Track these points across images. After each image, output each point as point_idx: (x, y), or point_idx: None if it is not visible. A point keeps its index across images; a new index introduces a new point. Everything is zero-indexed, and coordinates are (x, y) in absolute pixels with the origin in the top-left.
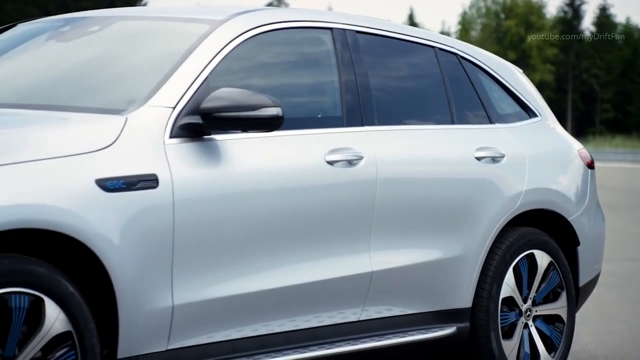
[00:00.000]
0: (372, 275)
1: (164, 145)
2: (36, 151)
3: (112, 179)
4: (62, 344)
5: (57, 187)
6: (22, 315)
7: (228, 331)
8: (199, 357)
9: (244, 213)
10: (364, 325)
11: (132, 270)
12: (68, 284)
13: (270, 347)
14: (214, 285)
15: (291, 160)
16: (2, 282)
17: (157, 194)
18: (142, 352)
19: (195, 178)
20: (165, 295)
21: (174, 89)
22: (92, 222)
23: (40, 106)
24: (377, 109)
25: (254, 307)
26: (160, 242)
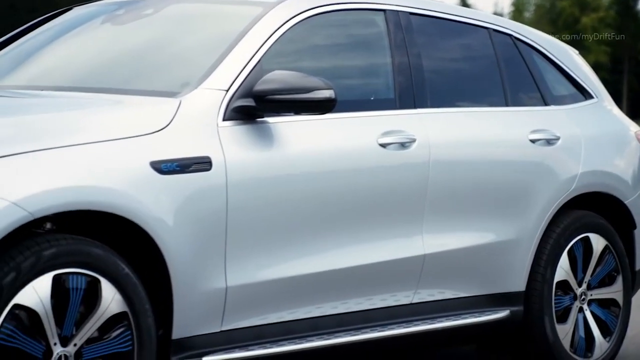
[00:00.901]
0: (425, 258)
1: (217, 128)
2: (92, 134)
3: (166, 162)
4: (118, 324)
5: (113, 170)
6: (80, 296)
7: (281, 313)
8: (252, 338)
9: (297, 196)
10: (416, 308)
11: (186, 252)
12: (124, 266)
13: (322, 330)
14: (267, 268)
15: (344, 142)
16: (60, 263)
17: (210, 177)
18: (196, 333)
19: (248, 160)
20: (218, 277)
21: (228, 71)
22: (147, 204)
23: (96, 89)
24: (430, 91)
25: (307, 290)
26: (213, 224)
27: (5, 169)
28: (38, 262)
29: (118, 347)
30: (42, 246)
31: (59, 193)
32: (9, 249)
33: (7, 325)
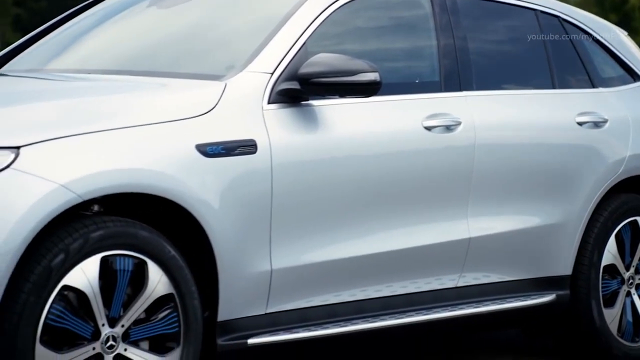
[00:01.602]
0: (470, 241)
1: (262, 111)
2: (139, 117)
3: (211, 145)
4: (165, 305)
5: (159, 153)
6: (127, 278)
7: (325, 296)
8: (297, 321)
9: (342, 179)
10: (461, 291)
11: (232, 235)
12: (170, 248)
13: (367, 312)
14: (312, 251)
15: (388, 125)
16: (108, 245)
17: (255, 160)
18: (241, 315)
19: (293, 143)
20: (263, 260)
21: (272, 54)
22: (192, 187)
23: (142, 72)
24: (476, 74)
25: (352, 273)
26: (258, 207)
27: (53, 152)
28: (86, 244)
29: (164, 328)
30: (90, 228)
31: (106, 176)
32: (58, 231)
33: (56, 306)
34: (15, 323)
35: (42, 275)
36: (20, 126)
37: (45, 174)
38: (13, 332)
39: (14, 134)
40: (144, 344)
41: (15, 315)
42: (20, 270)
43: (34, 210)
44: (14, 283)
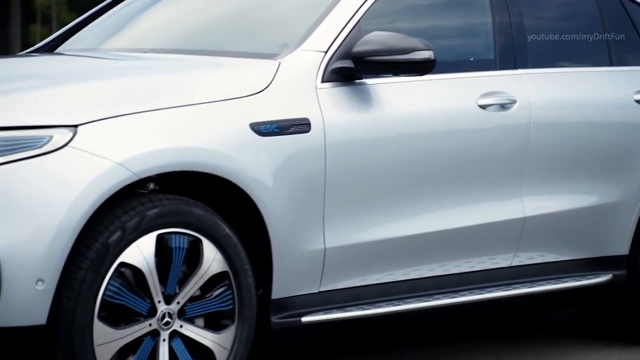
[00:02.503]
0: (525, 221)
1: (316, 90)
2: (193, 96)
3: (265, 123)
4: (220, 283)
5: (213, 131)
6: (182, 255)
7: (379, 275)
8: (350, 299)
9: (395, 157)
10: (515, 271)
11: (285, 213)
12: (224, 226)
13: (420, 292)
14: (365, 229)
15: (443, 104)
16: (163, 223)
17: (309, 138)
18: (295, 294)
19: (347, 122)
20: (317, 238)
21: (326, 33)
22: (246, 165)
23: (196, 51)
24: (532, 51)
25: (405, 252)
26: (312, 185)
27: (110, 130)
28: (142, 221)
29: (219, 305)
30: (146, 206)
31: (162, 154)
32: (115, 209)
33: (114, 283)
34: (75, 299)
35: (99, 252)
36: (78, 105)
37: (102, 152)
38: (72, 308)
39: (71, 112)
40: (199, 321)
41: (74, 291)
42: (78, 247)
43: (92, 188)
44: (72, 260)
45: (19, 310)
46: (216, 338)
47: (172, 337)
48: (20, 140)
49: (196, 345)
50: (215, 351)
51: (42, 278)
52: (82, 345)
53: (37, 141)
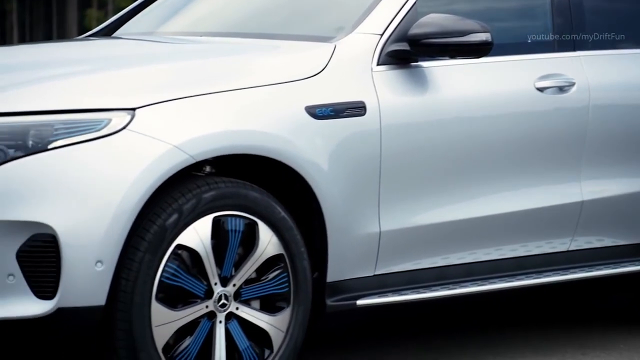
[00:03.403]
0: (583, 204)
1: (372, 73)
2: (250, 79)
3: (321, 106)
4: (275, 266)
5: (269, 114)
6: (238, 238)
7: (434, 258)
8: (405, 283)
9: (451, 141)
10: (573, 255)
11: (341, 196)
12: (280, 209)
13: (476, 275)
14: (420, 213)
15: (500, 87)
16: (219, 206)
17: (364, 121)
18: (350, 277)
19: (402, 105)
20: (372, 222)
21: (382, 15)
22: (302, 149)
23: (252, 35)
24: (591, 33)
25: (460, 235)
26: (367, 168)
27: (167, 114)
28: (199, 204)
29: (275, 288)
30: (202, 189)
31: (218, 137)
32: (172, 191)
33: (171, 265)
34: (133, 280)
35: (157, 234)
36: (136, 88)
37: (159, 135)
38: (131, 289)
39: (129, 96)
40: (255, 303)
41: (132, 273)
42: (136, 229)
43: (149, 170)
44: (130, 242)
45: (79, 291)
46: (272, 320)
47: (229, 319)
48: (80, 123)
49: (252, 327)
50: (271, 333)
51: (101, 259)
52: (140, 326)
53: (96, 124)
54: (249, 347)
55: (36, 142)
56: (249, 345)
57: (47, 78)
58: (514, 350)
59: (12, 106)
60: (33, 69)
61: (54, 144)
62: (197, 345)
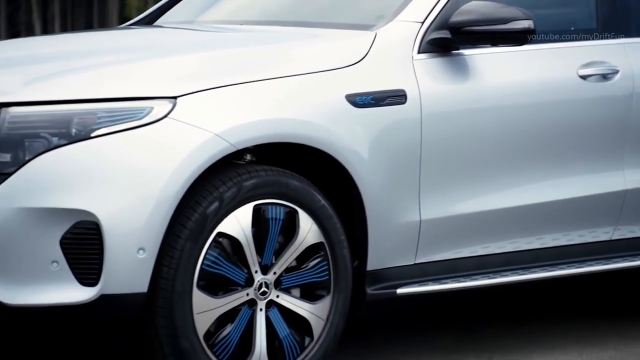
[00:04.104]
0: (626, 193)
1: (412, 61)
2: (290, 67)
3: (361, 95)
4: (315, 254)
5: (309, 102)
6: (278, 226)
7: (474, 247)
8: (445, 272)
9: (493, 129)
10: (616, 244)
11: (381, 185)
12: (320, 197)
13: (516, 265)
14: (461, 202)
15: (542, 74)
16: (260, 194)
17: (405, 110)
18: (390, 265)
19: (443, 93)
20: (412, 210)
21: (423, 3)
22: (342, 137)
23: (293, 23)
24: (636, 19)
25: (501, 224)
26: (407, 157)
27: (208, 102)
28: (239, 192)
29: (315, 276)
30: (243, 177)
31: (259, 125)
32: (213, 179)
33: (212, 253)
34: (175, 268)
35: (198, 222)
36: (177, 77)
37: (200, 124)
38: (172, 277)
39: (171, 84)
40: (295, 291)
41: (174, 260)
42: (177, 217)
43: (190, 158)
44: (172, 229)
45: (122, 278)
46: (312, 308)
47: (269, 306)
48: (122, 111)
49: (292, 315)
50: (312, 321)
51: (143, 247)
52: (182, 313)
53: (138, 112)
54: (290, 334)
55: (79, 131)
56: (289, 333)
57: (90, 67)
58: (554, 341)
59: (55, 95)
60: (76, 57)
61: (96, 132)
62: (237, 333)
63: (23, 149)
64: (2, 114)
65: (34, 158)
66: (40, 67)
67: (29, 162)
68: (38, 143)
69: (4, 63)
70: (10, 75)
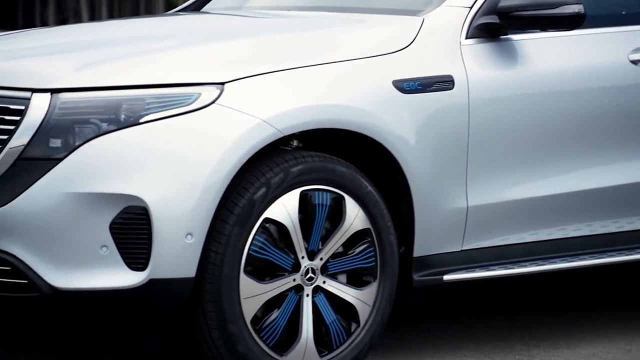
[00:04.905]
0: None
1: (460, 46)
2: (337, 53)
3: (408, 80)
4: (362, 240)
5: (356, 89)
6: (325, 212)
7: (522, 234)
8: (492, 258)
9: (541, 115)
10: None
11: (428, 171)
12: (367, 183)
13: (565, 252)
14: (509, 188)
15: (592, 60)
16: (306, 180)
17: (452, 96)
18: (437, 252)
19: (491, 79)
20: (459, 196)
21: None
22: (389, 123)
23: (339, 9)
24: None
25: (549, 211)
26: (454, 143)
27: (255, 88)
28: (286, 178)
29: (361, 262)
30: (290, 163)
31: (305, 111)
32: (260, 165)
33: (259, 238)
34: (222, 253)
35: (245, 207)
36: (224, 63)
37: (247, 110)
38: (220, 262)
39: (218, 70)
40: (342, 277)
41: (221, 246)
42: (224, 202)
43: (238, 144)
44: (219, 215)
45: (170, 263)
46: (359, 294)
47: (316, 292)
48: (171, 97)
49: (339, 301)
50: (358, 307)
51: (191, 232)
52: (229, 298)
53: (186, 98)
54: (336, 320)
55: (128, 116)
56: (335, 319)
57: (139, 53)
58: (603, 330)
59: (105, 81)
60: (125, 44)
61: (145, 118)
62: (284, 318)
63: (73, 135)
64: (53, 100)
65: (84, 144)
66: (89, 54)
67: (78, 148)
68: (88, 129)
69: (55, 49)
70: (60, 62)
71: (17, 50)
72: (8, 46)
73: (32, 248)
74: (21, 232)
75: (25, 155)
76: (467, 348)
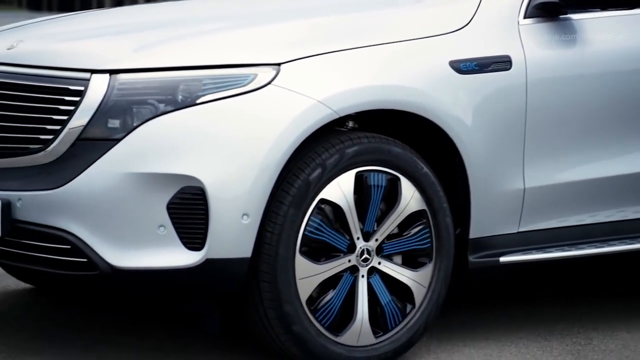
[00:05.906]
0: None
1: (518, 26)
2: (393, 33)
3: (465, 61)
4: (417, 221)
5: (412, 69)
6: (380, 193)
7: (580, 216)
8: (549, 240)
9: (600, 96)
10: None
11: (484, 152)
12: (422, 164)
13: (624, 234)
14: (566, 169)
15: None
16: (362, 161)
17: (510, 76)
18: (493, 233)
19: (550, 59)
20: (516, 178)
21: None
22: (445, 104)
23: None
24: None
25: (609, 193)
26: (512, 124)
27: (311, 69)
28: (342, 159)
29: (417, 243)
30: (345, 144)
31: (361, 92)
32: (315, 146)
33: (314, 219)
34: (278, 233)
35: (301, 188)
36: (280, 44)
37: (303, 90)
38: (275, 242)
39: (274, 51)
40: (397, 259)
41: (277, 226)
42: (280, 183)
43: (294, 125)
44: (275, 196)
45: (226, 243)
46: (414, 275)
47: (371, 273)
48: (227, 78)
49: (394, 282)
50: (413, 288)
51: (247, 212)
52: (285, 279)
53: (243, 79)
54: (391, 301)
55: (185, 97)
56: (391, 300)
57: (195, 34)
58: None
59: (162, 62)
60: (181, 25)
61: (202, 99)
62: (339, 299)
63: (131, 116)
64: (111, 81)
65: (142, 124)
66: (147, 35)
67: (136, 129)
68: (145, 109)
69: (112, 31)
70: (118, 43)
71: (76, 31)
72: (66, 28)
73: (91, 227)
74: (80, 212)
75: (84, 136)
76: (523, 330)
